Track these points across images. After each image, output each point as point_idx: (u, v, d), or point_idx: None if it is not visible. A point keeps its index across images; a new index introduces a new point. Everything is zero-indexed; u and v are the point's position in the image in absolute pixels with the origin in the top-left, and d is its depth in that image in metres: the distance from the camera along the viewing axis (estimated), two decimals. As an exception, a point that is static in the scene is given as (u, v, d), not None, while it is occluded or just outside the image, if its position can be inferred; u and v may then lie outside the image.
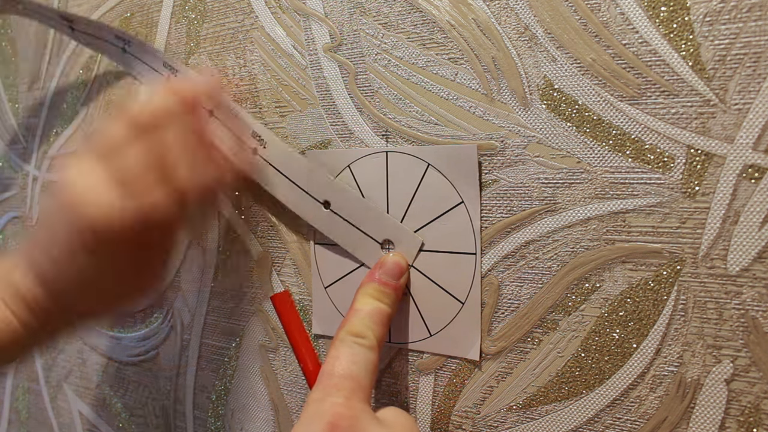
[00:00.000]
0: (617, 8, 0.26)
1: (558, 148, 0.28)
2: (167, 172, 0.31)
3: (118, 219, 0.30)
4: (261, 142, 0.37)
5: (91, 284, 0.32)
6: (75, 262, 0.32)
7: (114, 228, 0.30)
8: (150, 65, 0.43)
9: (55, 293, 0.33)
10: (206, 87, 0.35)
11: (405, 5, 0.32)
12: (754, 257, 0.24)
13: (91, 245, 0.31)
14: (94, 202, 0.30)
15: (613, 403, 0.27)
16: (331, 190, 0.35)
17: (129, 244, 0.32)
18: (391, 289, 0.31)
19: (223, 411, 0.42)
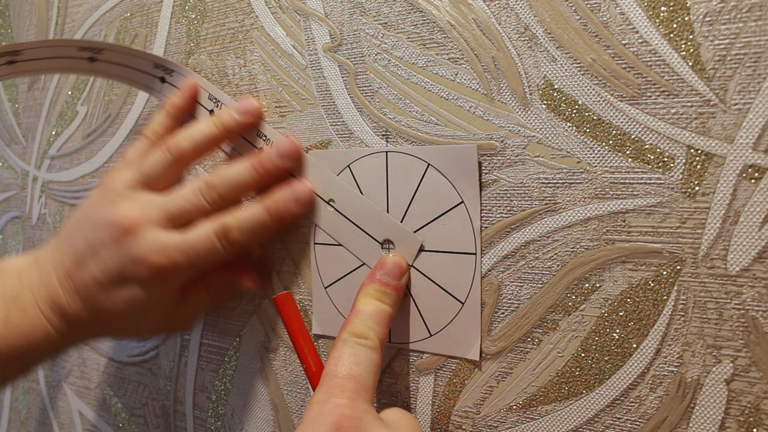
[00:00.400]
0: (617, 8, 0.26)
1: (558, 148, 0.28)
2: (218, 215, 0.35)
3: (171, 257, 0.34)
4: (266, 141, 0.37)
5: (126, 313, 0.35)
6: (123, 290, 0.35)
7: (166, 266, 0.34)
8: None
9: (93, 311, 0.35)
10: (290, 153, 0.36)
11: (405, 5, 0.32)
12: (754, 257, 0.24)
13: (144, 277, 0.34)
14: (149, 237, 0.34)
15: (613, 403, 0.27)
16: (335, 188, 0.35)
17: (177, 280, 0.35)
18: (392, 289, 0.31)
19: (223, 411, 0.42)
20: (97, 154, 0.49)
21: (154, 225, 0.34)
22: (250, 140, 0.38)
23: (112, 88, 0.47)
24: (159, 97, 0.42)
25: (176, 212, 0.35)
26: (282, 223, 0.35)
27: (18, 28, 0.56)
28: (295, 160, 0.35)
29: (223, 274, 0.39)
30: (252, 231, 0.34)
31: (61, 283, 0.35)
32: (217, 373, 0.42)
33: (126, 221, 0.34)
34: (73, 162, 0.51)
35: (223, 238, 0.34)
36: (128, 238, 0.34)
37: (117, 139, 0.47)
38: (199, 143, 0.36)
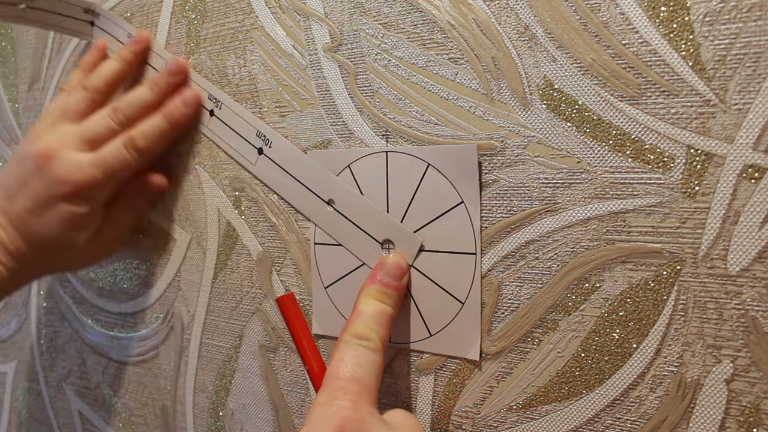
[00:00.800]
0: (617, 8, 0.26)
1: (558, 148, 0.28)
2: (127, 131, 0.40)
3: (89, 172, 0.39)
4: (266, 142, 0.38)
5: (60, 235, 0.40)
6: (53, 212, 0.39)
7: (86, 181, 0.39)
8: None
9: (30, 241, 0.40)
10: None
11: (405, 5, 0.32)
12: (754, 257, 0.24)
13: (68, 195, 0.39)
14: (67, 158, 0.39)
15: (613, 403, 0.27)
16: (334, 188, 0.35)
17: (98, 194, 0.40)
18: (392, 290, 0.31)
19: (223, 411, 0.42)
20: (97, 154, 0.49)
21: (72, 149, 0.40)
22: (154, 65, 0.44)
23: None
24: (90, 40, 0.48)
25: (90, 136, 0.40)
26: (177, 125, 0.41)
27: (18, 28, 0.56)
28: (182, 74, 0.41)
29: (135, 184, 0.43)
30: (153, 136, 0.40)
31: (2, 224, 0.39)
32: (217, 373, 0.42)
33: (46, 149, 0.39)
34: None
35: (130, 147, 0.40)
36: (49, 164, 0.39)
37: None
38: (108, 77, 0.42)
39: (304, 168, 0.36)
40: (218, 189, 0.41)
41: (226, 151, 0.40)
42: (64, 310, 0.53)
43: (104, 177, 0.39)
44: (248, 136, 0.39)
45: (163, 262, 0.45)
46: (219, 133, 0.40)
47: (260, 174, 0.38)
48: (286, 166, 0.37)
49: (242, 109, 0.39)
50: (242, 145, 0.39)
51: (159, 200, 0.45)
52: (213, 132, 0.40)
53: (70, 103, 0.42)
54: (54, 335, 0.54)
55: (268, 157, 0.38)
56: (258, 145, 0.38)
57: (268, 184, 0.38)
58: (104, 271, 0.49)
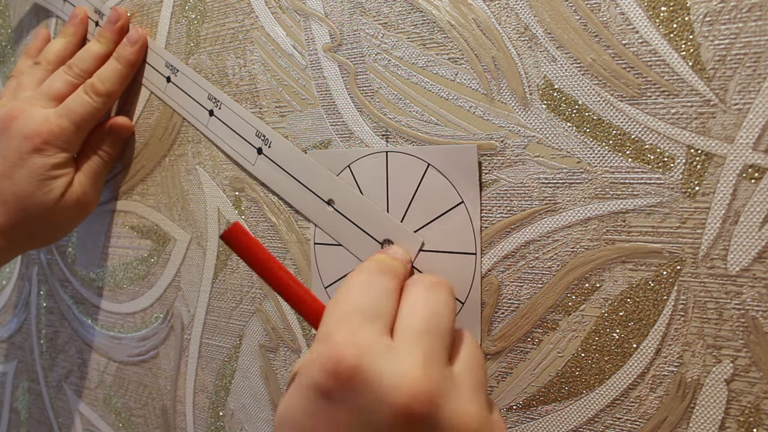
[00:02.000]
0: (617, 8, 0.26)
1: (558, 148, 0.28)
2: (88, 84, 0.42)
3: (56, 123, 0.40)
4: (266, 142, 0.38)
5: (35, 192, 0.40)
6: (25, 168, 0.40)
7: (55, 131, 0.40)
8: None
9: (6, 206, 0.40)
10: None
11: (405, 5, 0.32)
12: (754, 257, 0.24)
13: (39, 146, 0.40)
14: (33, 114, 0.40)
15: (613, 403, 0.27)
16: (334, 188, 0.35)
17: (68, 143, 0.41)
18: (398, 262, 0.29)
19: (223, 411, 0.42)
20: (97, 154, 0.49)
21: (37, 107, 0.41)
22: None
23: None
24: (63, 16, 0.50)
25: (52, 93, 0.42)
26: (129, 63, 0.43)
27: (18, 27, 0.56)
28: (121, 19, 0.44)
29: (101, 131, 0.44)
30: (110, 78, 0.42)
31: None
32: (217, 373, 0.42)
33: (9, 111, 0.41)
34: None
35: (91, 92, 0.42)
36: (15, 123, 0.40)
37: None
38: (58, 50, 0.45)
39: (303, 168, 0.36)
40: (218, 189, 0.41)
41: (226, 151, 0.40)
42: (64, 310, 0.53)
43: (72, 125, 0.41)
44: (248, 136, 0.39)
45: (163, 262, 0.45)
46: (218, 133, 0.40)
47: (259, 174, 0.38)
48: (285, 166, 0.37)
49: (241, 109, 0.39)
50: (241, 145, 0.39)
51: (163, 200, 0.45)
52: (212, 132, 0.40)
53: (25, 78, 0.44)
54: (54, 335, 0.54)
55: (267, 157, 0.38)
56: (257, 145, 0.38)
57: (267, 184, 0.38)
58: (104, 271, 0.49)
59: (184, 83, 0.42)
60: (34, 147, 0.40)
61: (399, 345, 0.23)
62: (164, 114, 0.44)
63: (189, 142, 0.42)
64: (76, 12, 0.47)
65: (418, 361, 0.22)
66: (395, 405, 0.21)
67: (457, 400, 0.22)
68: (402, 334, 0.23)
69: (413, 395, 0.21)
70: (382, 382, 0.21)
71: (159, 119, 0.44)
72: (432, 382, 0.22)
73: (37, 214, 0.41)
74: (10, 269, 0.58)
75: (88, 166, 0.43)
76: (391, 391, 0.21)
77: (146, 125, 0.45)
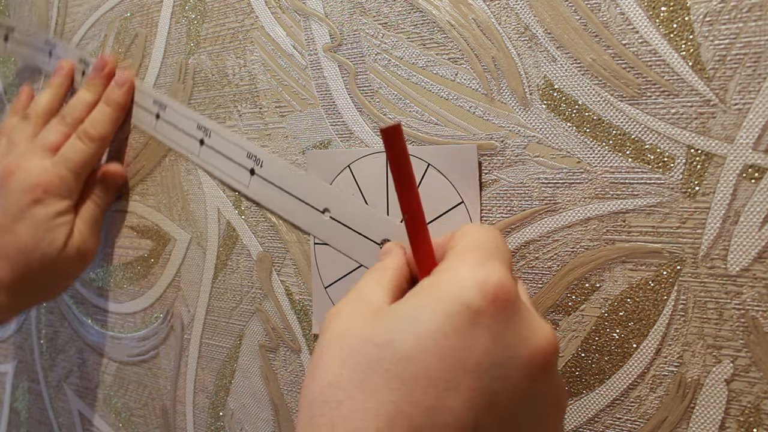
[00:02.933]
0: (617, 8, 0.26)
1: (558, 148, 0.28)
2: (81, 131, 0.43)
3: (54, 172, 0.41)
4: (257, 162, 0.38)
5: (37, 244, 0.40)
6: (26, 220, 0.40)
7: (54, 180, 0.40)
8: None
9: (9, 261, 0.40)
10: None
11: (405, 5, 0.32)
12: (754, 257, 0.24)
13: (39, 198, 0.40)
14: (31, 167, 0.41)
15: (613, 403, 0.27)
16: (329, 196, 0.35)
17: (68, 190, 0.41)
18: None
19: (223, 411, 0.42)
20: (97, 154, 0.49)
21: (32, 160, 0.41)
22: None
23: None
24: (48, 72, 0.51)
25: (47, 144, 0.42)
26: (119, 106, 0.44)
27: (18, 27, 0.56)
28: (109, 65, 0.45)
29: (95, 179, 0.45)
30: (102, 122, 0.43)
31: None
32: (217, 373, 0.42)
33: (6, 167, 0.41)
34: (73, 162, 0.51)
35: (84, 137, 0.42)
36: (13, 178, 0.40)
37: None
38: (45, 103, 0.46)
39: (296, 181, 0.36)
40: (218, 189, 0.41)
41: (220, 178, 0.40)
42: (64, 310, 0.53)
43: (70, 173, 0.41)
44: (239, 159, 0.39)
45: (163, 262, 0.45)
46: (211, 161, 0.41)
47: (254, 195, 0.38)
48: (278, 182, 0.37)
49: (230, 133, 0.39)
50: (234, 169, 0.39)
51: (163, 200, 0.45)
52: (205, 161, 0.41)
53: (16, 135, 0.44)
54: (54, 335, 0.54)
55: (260, 177, 0.38)
56: (249, 166, 0.38)
57: (263, 204, 0.38)
58: (104, 271, 0.49)
59: (173, 117, 0.43)
60: (34, 199, 0.40)
61: (526, 302, 0.24)
62: (164, 114, 0.44)
63: (189, 142, 0.42)
64: (62, 64, 0.48)
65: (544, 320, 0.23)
66: (536, 347, 0.21)
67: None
68: (524, 295, 0.25)
69: (552, 343, 0.22)
70: (528, 323, 0.22)
71: (159, 119, 0.44)
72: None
73: (41, 267, 0.40)
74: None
75: (86, 213, 0.44)
76: (534, 334, 0.21)
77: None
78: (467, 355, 0.20)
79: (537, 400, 0.22)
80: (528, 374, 0.21)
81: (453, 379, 0.20)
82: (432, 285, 0.22)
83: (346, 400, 0.20)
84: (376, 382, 0.20)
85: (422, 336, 0.20)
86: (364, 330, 0.21)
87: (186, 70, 0.42)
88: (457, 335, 0.20)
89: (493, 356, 0.20)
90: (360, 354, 0.21)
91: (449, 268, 0.22)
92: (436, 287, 0.22)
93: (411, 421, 0.19)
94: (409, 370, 0.20)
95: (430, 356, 0.20)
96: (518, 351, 0.21)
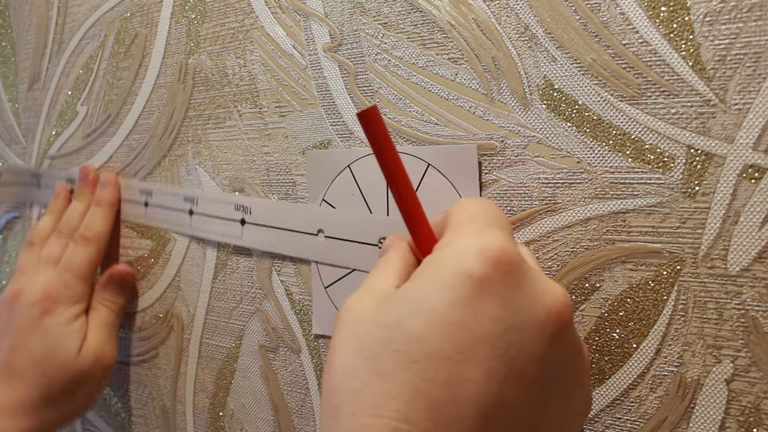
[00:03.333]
0: (617, 8, 0.26)
1: (558, 148, 0.28)
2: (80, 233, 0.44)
3: (59, 280, 0.42)
4: (245, 210, 0.38)
5: (51, 355, 0.40)
6: (39, 334, 0.40)
7: (60, 288, 0.42)
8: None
9: (24, 378, 0.40)
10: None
11: (405, 5, 0.32)
12: (754, 257, 0.24)
13: (48, 308, 0.41)
14: (35, 283, 0.42)
15: (613, 403, 0.27)
16: (319, 217, 0.35)
17: (75, 295, 0.42)
18: None
19: (223, 411, 0.42)
20: (97, 154, 0.49)
21: (39, 276, 0.43)
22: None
23: (112, 88, 0.47)
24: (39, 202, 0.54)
25: (51, 258, 0.44)
26: (108, 204, 0.45)
27: (18, 28, 0.56)
28: (89, 173, 0.47)
29: (103, 281, 0.45)
30: (95, 222, 0.44)
31: (15, 389, 0.39)
32: (217, 373, 0.42)
33: (12, 290, 0.43)
34: (73, 162, 0.51)
35: (81, 240, 0.43)
36: (20, 298, 0.42)
37: (117, 139, 0.47)
38: (49, 226, 0.47)
39: (285, 213, 0.37)
40: (218, 189, 0.41)
41: (214, 239, 0.41)
42: (64, 310, 0.53)
43: (74, 277, 0.42)
44: (228, 215, 0.39)
45: (163, 262, 0.45)
46: (203, 227, 0.41)
47: (249, 243, 0.39)
48: (269, 222, 0.37)
49: (216, 194, 0.40)
50: (226, 225, 0.40)
51: (159, 200, 0.45)
52: (198, 229, 0.41)
53: (25, 264, 0.46)
54: (54, 335, 0.54)
55: (251, 224, 0.38)
56: (239, 217, 0.39)
57: (258, 248, 0.38)
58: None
59: (160, 200, 0.44)
60: (44, 310, 0.41)
61: (532, 264, 0.24)
62: (164, 114, 0.44)
63: (189, 142, 0.42)
64: (58, 190, 0.49)
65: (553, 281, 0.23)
66: (550, 307, 0.21)
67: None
68: (529, 258, 0.25)
69: (565, 302, 0.21)
70: (538, 284, 0.21)
71: (159, 119, 0.44)
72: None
73: (57, 378, 0.40)
74: (10, 269, 0.58)
75: (98, 319, 0.44)
76: (546, 294, 0.21)
77: (146, 125, 0.45)
78: (477, 325, 0.20)
79: (559, 361, 0.21)
80: (545, 336, 0.21)
81: (466, 350, 0.19)
82: (433, 261, 0.22)
83: (363, 386, 0.20)
84: (389, 364, 0.20)
85: (427, 311, 0.20)
86: (372, 315, 0.21)
87: (186, 70, 0.42)
88: (463, 306, 0.20)
89: (505, 322, 0.20)
90: (370, 338, 0.21)
91: (448, 243, 0.22)
92: (436, 262, 0.21)
93: (429, 397, 0.19)
94: (419, 349, 0.20)
95: (438, 331, 0.20)
96: (531, 313, 0.20)
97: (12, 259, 0.58)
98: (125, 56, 0.46)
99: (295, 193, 0.37)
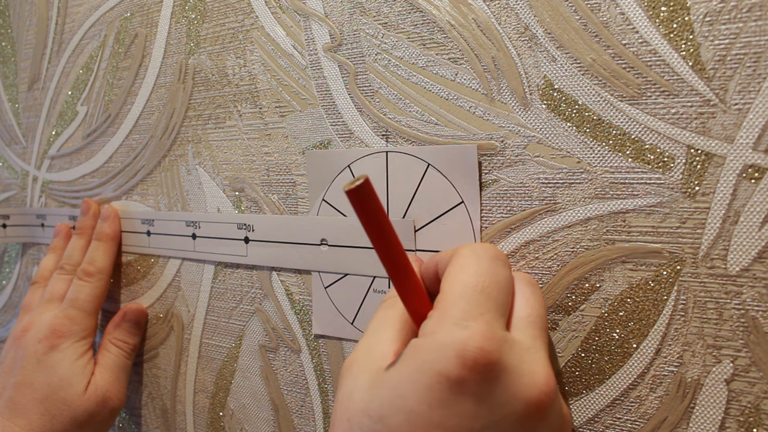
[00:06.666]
0: (617, 8, 0.26)
1: (558, 148, 0.28)
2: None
3: (64, 315, 0.42)
4: (248, 229, 0.38)
5: (63, 384, 0.40)
6: (44, 369, 0.40)
7: (65, 323, 0.42)
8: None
9: (27, 415, 0.39)
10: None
11: (405, 5, 0.32)
12: (754, 257, 0.24)
13: (54, 344, 0.41)
14: (40, 321, 0.42)
15: (613, 403, 0.27)
16: (321, 226, 0.35)
17: (80, 328, 0.42)
18: None
19: (223, 411, 0.42)
20: (97, 154, 0.49)
21: (44, 313, 0.43)
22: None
23: (112, 88, 0.47)
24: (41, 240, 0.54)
25: (55, 295, 0.44)
26: (109, 238, 0.45)
27: (18, 28, 0.56)
28: (90, 207, 0.47)
29: (114, 323, 0.45)
30: (97, 257, 0.44)
31: (4, 426, 0.39)
32: (217, 373, 0.42)
33: (23, 326, 0.43)
34: (73, 162, 0.51)
35: (84, 275, 0.44)
36: (28, 334, 0.42)
37: (117, 139, 0.47)
38: (51, 265, 0.48)
39: (287, 227, 0.37)
40: (218, 189, 0.41)
41: (219, 260, 0.41)
42: (64, 310, 0.53)
43: (78, 312, 0.42)
44: (232, 234, 0.39)
45: (163, 262, 0.45)
46: (207, 249, 0.41)
47: (254, 260, 0.39)
48: (272, 237, 0.37)
49: (217, 215, 0.40)
50: (230, 246, 0.40)
51: (163, 200, 0.45)
52: (202, 252, 0.41)
53: (30, 301, 0.47)
54: (54, 335, 0.54)
55: (255, 241, 0.38)
56: (242, 236, 0.39)
57: (263, 264, 0.38)
58: (104, 271, 0.49)
59: (162, 227, 0.44)
60: (50, 346, 0.41)
61: (523, 340, 0.23)
62: (164, 114, 0.44)
63: (189, 142, 0.42)
64: (59, 228, 0.50)
65: (543, 358, 0.23)
66: (528, 399, 0.22)
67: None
68: (525, 330, 0.24)
69: (545, 391, 0.22)
70: (517, 377, 0.22)
71: (159, 119, 0.44)
72: (554, 378, 0.23)
73: (61, 416, 0.39)
74: (10, 269, 0.58)
75: (108, 359, 0.43)
76: (525, 387, 0.22)
77: (146, 125, 0.45)
78: (456, 423, 0.21)
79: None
80: (525, 427, 0.21)
81: None
82: (415, 353, 0.22)
83: None
84: None
85: (408, 411, 0.21)
86: (362, 399, 0.23)
87: (186, 70, 0.42)
88: (441, 406, 0.21)
89: (482, 419, 0.21)
90: (358, 426, 0.22)
91: (432, 332, 0.23)
92: (417, 356, 0.22)
93: None
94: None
95: (418, 430, 0.21)
96: (510, 408, 0.21)
97: (12, 259, 0.58)
98: (125, 56, 0.46)
99: (295, 193, 0.37)
